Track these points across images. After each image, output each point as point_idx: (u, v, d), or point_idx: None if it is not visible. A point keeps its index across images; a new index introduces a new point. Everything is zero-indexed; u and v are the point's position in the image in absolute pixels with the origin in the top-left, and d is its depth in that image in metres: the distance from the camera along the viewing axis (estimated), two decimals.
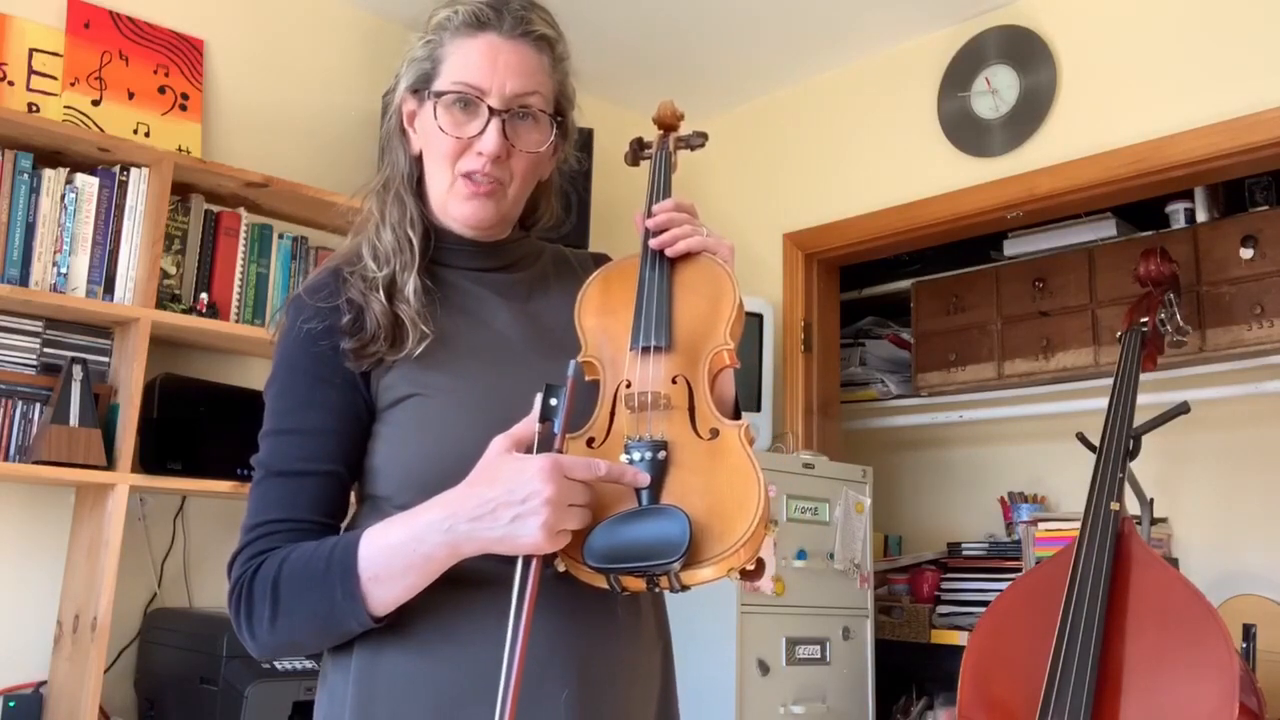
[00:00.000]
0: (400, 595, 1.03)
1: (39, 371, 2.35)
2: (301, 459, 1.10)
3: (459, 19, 1.17)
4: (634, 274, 1.19)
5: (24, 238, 2.29)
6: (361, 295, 1.14)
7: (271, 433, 1.13)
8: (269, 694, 2.11)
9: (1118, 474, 2.29)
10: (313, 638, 1.09)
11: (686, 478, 1.03)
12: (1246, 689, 1.99)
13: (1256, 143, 2.47)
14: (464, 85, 1.15)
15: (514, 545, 0.97)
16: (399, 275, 1.16)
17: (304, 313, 1.14)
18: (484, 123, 1.14)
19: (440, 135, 1.16)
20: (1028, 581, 2.34)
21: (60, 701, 2.29)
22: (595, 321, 1.18)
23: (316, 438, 1.11)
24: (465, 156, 1.16)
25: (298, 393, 1.13)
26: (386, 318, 1.13)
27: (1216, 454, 3.14)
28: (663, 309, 1.14)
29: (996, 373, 3.33)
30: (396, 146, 1.23)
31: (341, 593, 1.01)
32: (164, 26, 2.71)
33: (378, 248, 1.18)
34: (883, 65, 3.25)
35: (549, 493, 0.95)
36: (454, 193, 1.18)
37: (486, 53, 1.16)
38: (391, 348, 1.12)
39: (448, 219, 1.22)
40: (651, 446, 1.04)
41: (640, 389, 1.09)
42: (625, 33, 3.13)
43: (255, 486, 1.11)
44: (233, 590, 1.07)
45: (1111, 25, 2.75)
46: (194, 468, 2.41)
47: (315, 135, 2.93)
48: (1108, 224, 3.18)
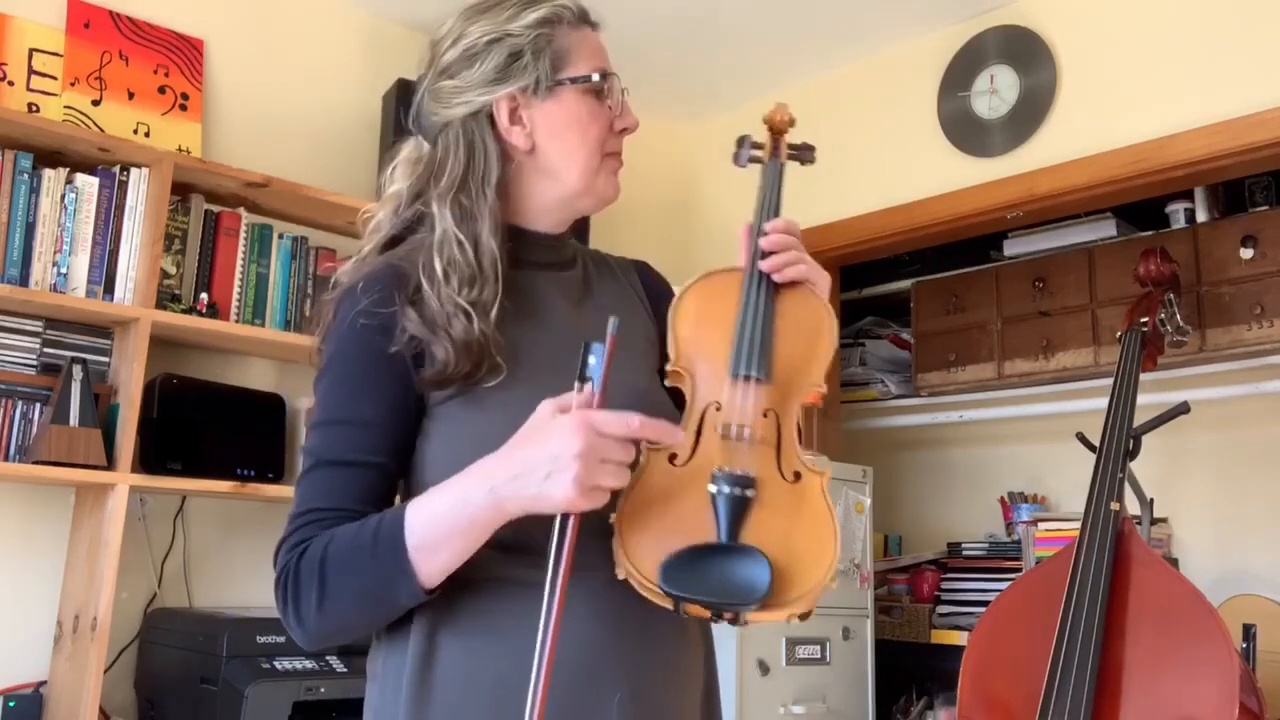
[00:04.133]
0: (448, 563, 1.02)
1: (39, 371, 2.35)
2: (352, 449, 1.10)
3: (571, 14, 1.22)
4: (735, 290, 1.17)
5: (24, 238, 2.29)
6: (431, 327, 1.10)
7: (323, 423, 1.12)
8: (269, 694, 2.11)
9: (1118, 474, 2.29)
10: (362, 616, 1.07)
11: (768, 518, 1.03)
12: (1246, 689, 1.99)
13: (1256, 143, 2.47)
14: (606, 72, 1.22)
15: (549, 502, 0.98)
16: (484, 299, 1.13)
17: (357, 306, 1.12)
18: (620, 103, 1.24)
19: (596, 119, 1.21)
20: (1028, 581, 2.34)
21: (60, 701, 2.29)
22: (690, 333, 1.16)
23: (367, 429, 1.10)
24: (609, 138, 1.23)
25: (349, 385, 1.12)
26: (470, 346, 1.10)
27: (1216, 454, 3.14)
28: (765, 338, 1.13)
29: (996, 373, 3.33)
30: (483, 145, 1.19)
31: (391, 565, 1.01)
32: (164, 26, 2.71)
33: (459, 265, 1.13)
34: (883, 65, 3.25)
35: (579, 447, 0.95)
36: (604, 171, 1.23)
37: (600, 43, 1.25)
38: (469, 377, 1.10)
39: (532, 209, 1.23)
40: (739, 481, 1.03)
41: (733, 419, 1.08)
42: (625, 33, 3.12)
43: (304, 476, 1.11)
44: (279, 578, 1.06)
45: (1111, 25, 2.74)
46: (194, 468, 2.41)
47: (315, 135, 2.93)
48: (1108, 224, 3.18)
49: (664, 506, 1.04)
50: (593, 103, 1.21)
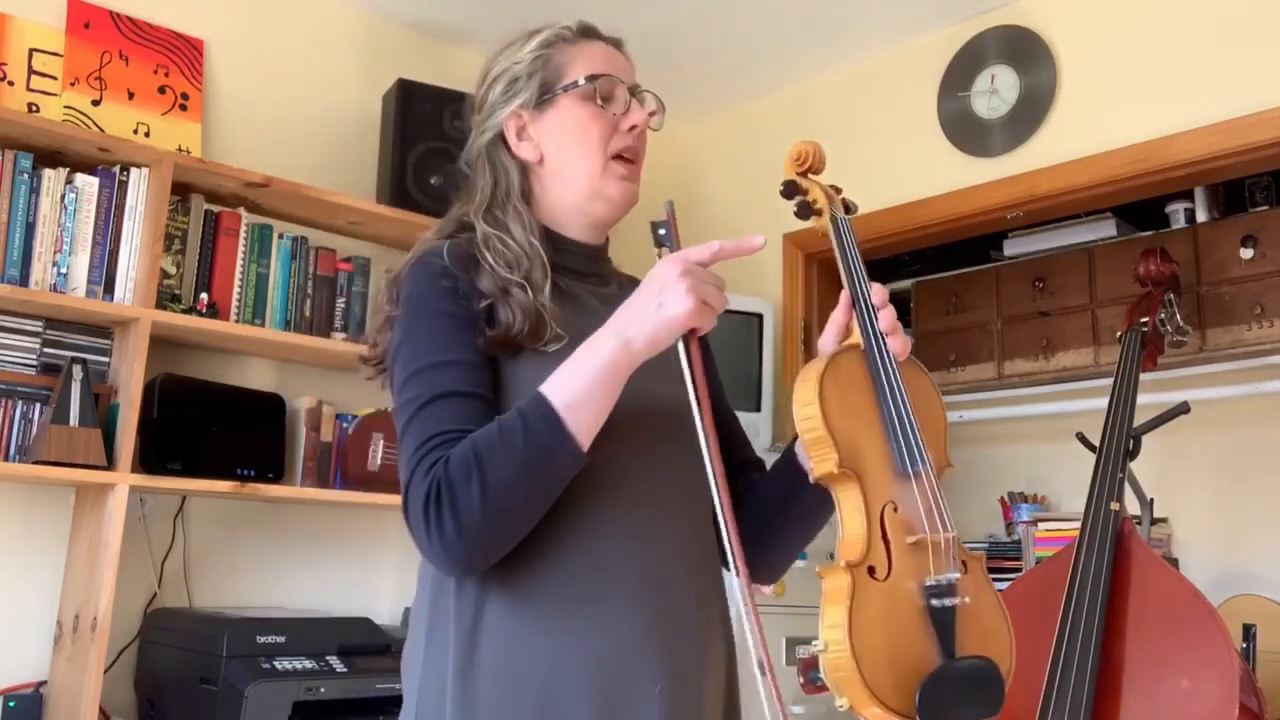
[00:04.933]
0: (595, 416, 1.08)
1: (39, 371, 2.35)
2: (464, 382, 1.13)
3: (571, 31, 1.30)
4: (861, 373, 1.13)
5: (24, 238, 2.29)
6: (499, 289, 1.17)
7: (425, 369, 1.13)
8: (269, 694, 2.11)
9: (1118, 474, 2.29)
10: (526, 496, 1.07)
11: (969, 620, 1.04)
12: (1246, 689, 1.99)
13: (1256, 143, 2.47)
14: (604, 75, 1.27)
15: (670, 320, 1.06)
16: (534, 276, 1.20)
17: (435, 268, 1.18)
18: (626, 102, 1.28)
19: (590, 122, 1.26)
20: (1028, 581, 2.34)
21: (60, 701, 2.29)
22: (843, 425, 1.09)
23: (470, 367, 1.14)
24: (616, 136, 1.27)
25: (443, 333, 1.15)
26: (530, 310, 1.17)
27: (1216, 454, 3.14)
28: (915, 426, 1.11)
29: (996, 373, 3.33)
30: (502, 164, 1.29)
31: (546, 431, 1.05)
32: (164, 26, 2.71)
33: (503, 254, 1.21)
34: (883, 65, 3.25)
35: (680, 271, 1.06)
36: (608, 174, 1.27)
37: (605, 53, 1.31)
38: (531, 339, 1.16)
39: (557, 217, 1.29)
40: (952, 591, 1.03)
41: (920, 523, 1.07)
42: (625, 33, 3.12)
43: (417, 413, 1.11)
44: (427, 495, 1.05)
45: (1111, 25, 2.75)
46: (194, 468, 2.41)
47: (315, 135, 2.93)
48: (1108, 224, 3.18)
49: (887, 628, 1.01)
50: (591, 106, 1.26)
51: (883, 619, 1.01)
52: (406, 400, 1.13)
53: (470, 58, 3.27)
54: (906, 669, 1.00)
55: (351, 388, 2.86)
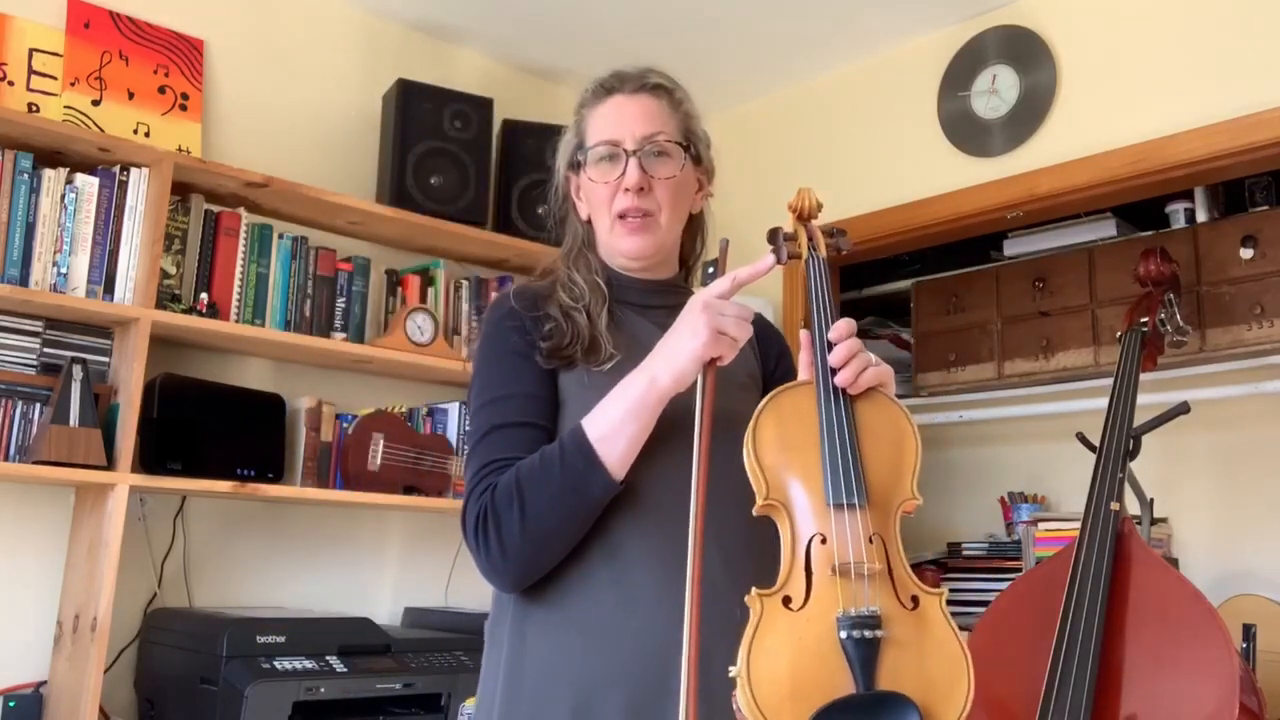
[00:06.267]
0: (627, 446, 1.21)
1: (39, 371, 2.35)
2: (519, 413, 1.29)
3: (590, 94, 1.43)
4: (810, 408, 1.13)
5: (24, 238, 2.29)
6: (564, 312, 1.36)
7: (487, 402, 1.31)
8: (269, 694, 2.12)
9: (1118, 474, 2.29)
10: (563, 518, 1.22)
11: (899, 655, 1.01)
12: (1247, 689, 1.99)
13: (1256, 143, 2.47)
14: (603, 142, 1.39)
15: (689, 354, 1.17)
16: (593, 307, 1.38)
17: (503, 312, 1.37)
18: (624, 165, 1.37)
19: (597, 187, 1.40)
20: (1028, 581, 2.34)
21: (60, 701, 2.29)
22: (775, 461, 1.11)
23: (527, 399, 1.30)
24: (617, 198, 1.38)
25: (504, 369, 1.33)
26: (586, 330, 1.34)
27: (1216, 454, 3.14)
28: (855, 459, 1.10)
29: (996, 373, 3.33)
30: (571, 218, 1.48)
31: (581, 461, 1.20)
32: (164, 26, 2.71)
33: (573, 289, 1.39)
34: (883, 65, 3.25)
35: (699, 306, 1.18)
36: (615, 233, 1.40)
37: (615, 110, 1.40)
38: (585, 354, 1.33)
39: (615, 260, 1.44)
40: (867, 623, 1.00)
41: (843, 553, 1.05)
42: (625, 33, 3.13)
43: (479, 443, 1.29)
44: (478, 517, 1.22)
45: (1111, 25, 2.74)
46: (194, 468, 2.41)
47: (315, 135, 2.94)
48: (1108, 224, 3.18)
49: (793, 658, 1.00)
50: (604, 170, 1.39)
51: (789, 648, 1.00)
52: (472, 431, 1.31)
53: (470, 58, 3.27)
54: (811, 698, 0.97)
55: (351, 388, 2.86)
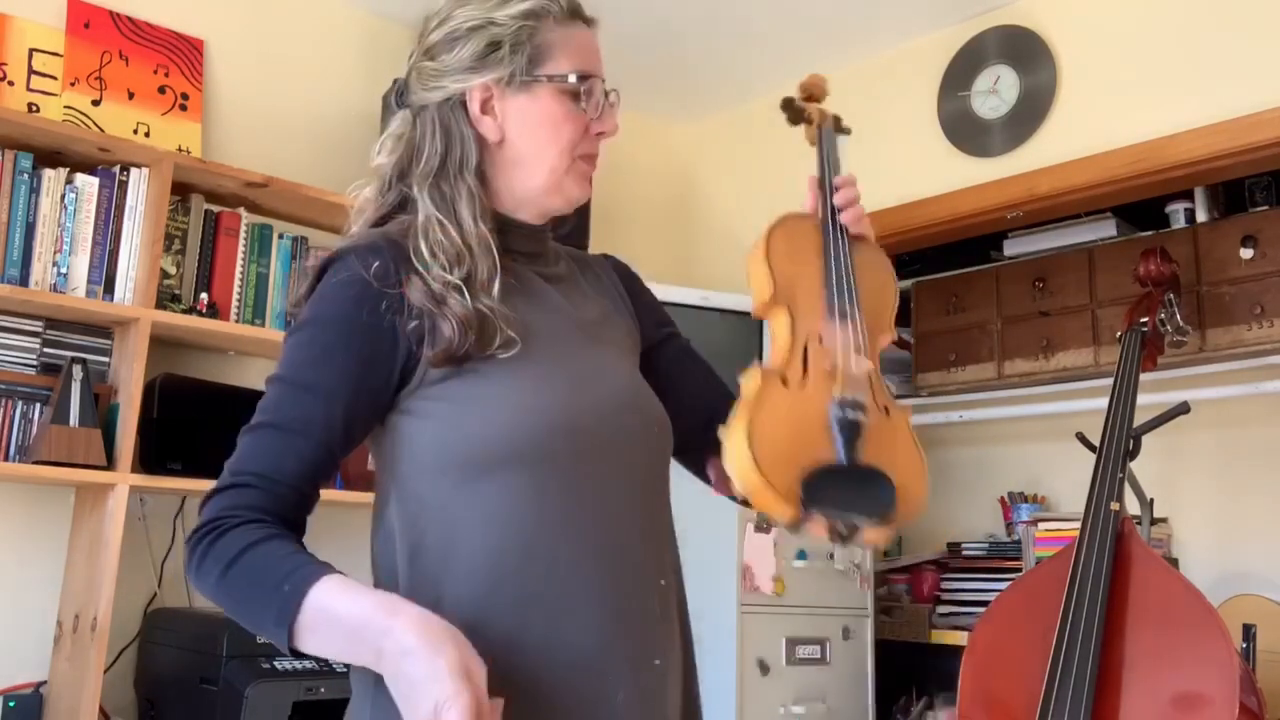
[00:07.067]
0: (317, 651, 1.01)
1: (39, 371, 2.35)
2: (304, 420, 1.06)
3: (560, 9, 1.20)
4: (814, 235, 1.25)
5: (24, 238, 2.29)
6: (432, 300, 1.08)
7: (282, 381, 1.09)
8: (269, 694, 2.11)
9: (1118, 474, 2.29)
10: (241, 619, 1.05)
11: (876, 443, 1.09)
12: (1247, 689, 1.99)
13: (1256, 143, 2.47)
14: (586, 73, 1.19)
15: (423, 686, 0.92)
16: (478, 273, 1.11)
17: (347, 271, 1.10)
18: (600, 106, 1.20)
19: (567, 121, 1.18)
20: (1028, 581, 2.34)
21: (60, 701, 2.29)
22: (785, 268, 1.21)
23: (327, 400, 1.07)
24: (583, 140, 1.20)
25: (319, 348, 1.09)
26: (471, 319, 1.08)
27: (1216, 454, 3.14)
28: (852, 280, 1.21)
29: (996, 373, 3.33)
30: (459, 132, 1.18)
31: (275, 617, 0.99)
32: (164, 26, 2.71)
33: (444, 246, 1.11)
34: (883, 65, 3.25)
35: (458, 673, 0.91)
36: (573, 173, 1.20)
37: (590, 41, 1.22)
38: (478, 347, 1.08)
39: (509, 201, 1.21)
40: (857, 406, 1.09)
41: (840, 350, 1.14)
42: (625, 33, 3.13)
43: (251, 430, 1.09)
44: (199, 530, 1.04)
45: (1111, 25, 2.74)
46: (194, 468, 2.41)
47: (315, 135, 2.93)
48: (1108, 224, 3.18)
49: (787, 426, 1.07)
50: (569, 103, 1.18)
51: (785, 417, 1.08)
52: (260, 404, 1.09)
53: None
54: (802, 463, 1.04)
55: None
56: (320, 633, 0.98)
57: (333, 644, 1.00)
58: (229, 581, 1.02)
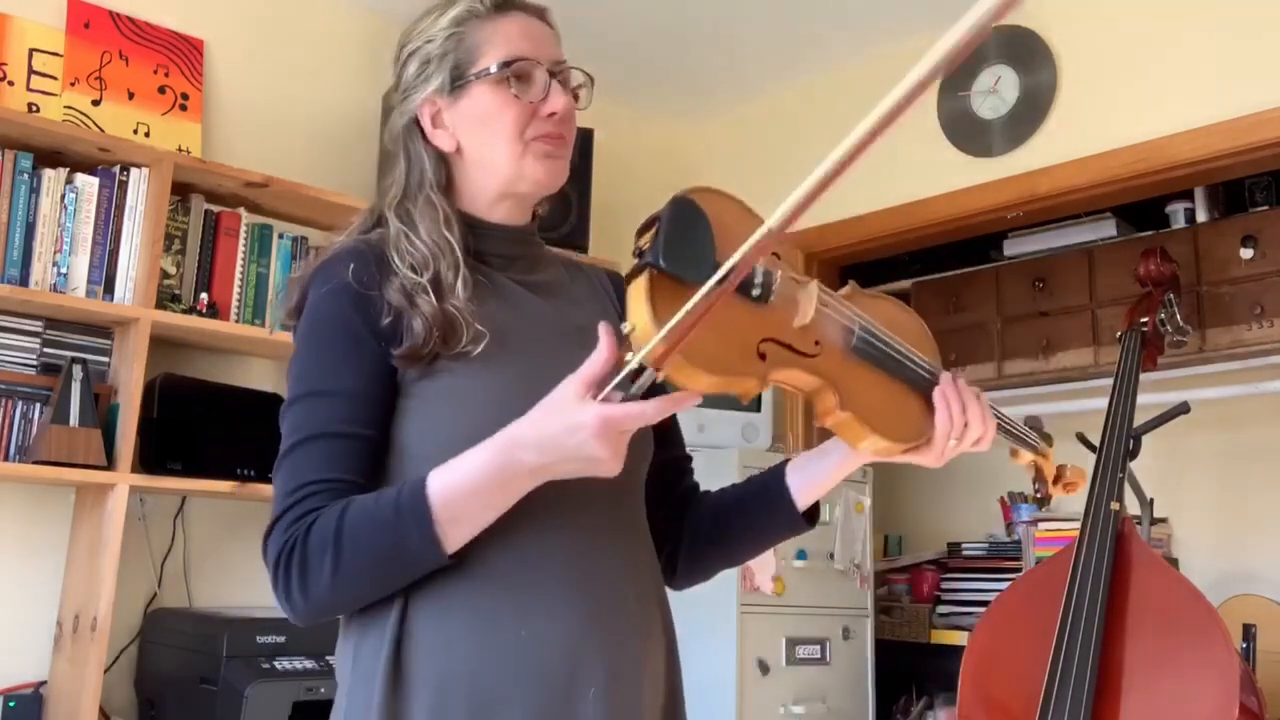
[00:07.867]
0: (474, 529, 1.04)
1: (39, 371, 2.35)
2: (339, 421, 1.09)
3: (484, 7, 1.21)
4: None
5: (24, 238, 2.29)
6: (405, 298, 1.11)
7: (303, 397, 1.11)
8: (269, 694, 2.11)
9: (1118, 474, 2.29)
10: (376, 584, 1.07)
11: None
12: (1247, 689, 1.99)
13: (1256, 143, 2.47)
14: (518, 59, 1.19)
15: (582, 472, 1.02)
16: (444, 275, 1.14)
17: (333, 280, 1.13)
18: (545, 86, 1.19)
19: (504, 109, 1.18)
20: (1028, 581, 2.34)
21: (60, 701, 2.29)
22: None
23: (351, 400, 1.10)
24: (533, 123, 1.19)
25: (328, 356, 1.11)
26: (438, 317, 1.11)
27: (1216, 454, 3.14)
28: None
29: (996, 373, 3.33)
30: (416, 153, 1.22)
31: (418, 536, 1.02)
32: (164, 26, 2.71)
33: (412, 254, 1.15)
34: (883, 65, 3.25)
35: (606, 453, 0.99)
36: (530, 153, 1.19)
37: (523, 27, 1.21)
38: (445, 345, 1.11)
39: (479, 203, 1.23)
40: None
41: None
42: (625, 33, 3.13)
43: (289, 452, 1.10)
44: (282, 553, 1.04)
45: (1111, 25, 2.74)
46: (194, 468, 2.41)
47: (315, 135, 2.93)
48: (1108, 224, 3.18)
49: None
50: (504, 92, 1.18)
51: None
52: (288, 428, 1.11)
53: None
54: None
55: None
56: (466, 509, 1.03)
57: (485, 509, 1.03)
58: (345, 557, 1.02)
